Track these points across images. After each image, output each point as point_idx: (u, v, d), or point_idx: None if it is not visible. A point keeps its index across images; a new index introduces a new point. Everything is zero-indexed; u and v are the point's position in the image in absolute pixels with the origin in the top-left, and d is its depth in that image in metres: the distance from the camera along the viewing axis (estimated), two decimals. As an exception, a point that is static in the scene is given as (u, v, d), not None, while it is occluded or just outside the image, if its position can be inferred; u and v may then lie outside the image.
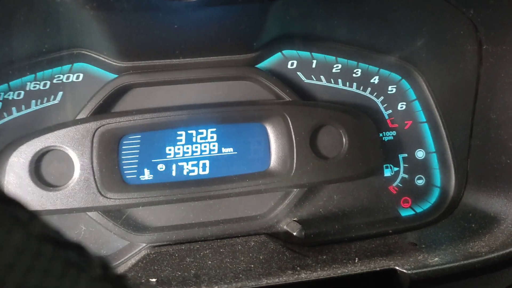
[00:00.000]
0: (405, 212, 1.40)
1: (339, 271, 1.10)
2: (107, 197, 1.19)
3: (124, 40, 1.14)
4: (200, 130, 1.28)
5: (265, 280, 1.07)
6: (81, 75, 1.26)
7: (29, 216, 0.42)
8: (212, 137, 1.28)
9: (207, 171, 1.28)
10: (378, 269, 1.09)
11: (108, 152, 1.21)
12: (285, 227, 1.29)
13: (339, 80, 1.37)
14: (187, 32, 1.13)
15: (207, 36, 1.17)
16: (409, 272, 1.07)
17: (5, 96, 1.23)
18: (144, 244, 1.24)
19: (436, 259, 1.10)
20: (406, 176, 1.41)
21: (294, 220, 1.29)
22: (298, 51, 1.35)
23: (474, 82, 1.25)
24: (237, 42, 1.22)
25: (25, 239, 0.40)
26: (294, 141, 1.27)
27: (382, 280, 1.13)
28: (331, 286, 1.14)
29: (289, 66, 1.35)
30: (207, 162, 1.28)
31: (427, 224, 1.36)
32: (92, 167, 1.19)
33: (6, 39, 1.15)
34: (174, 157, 1.27)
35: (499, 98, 1.19)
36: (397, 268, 1.09)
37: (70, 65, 1.25)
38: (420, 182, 1.41)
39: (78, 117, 1.22)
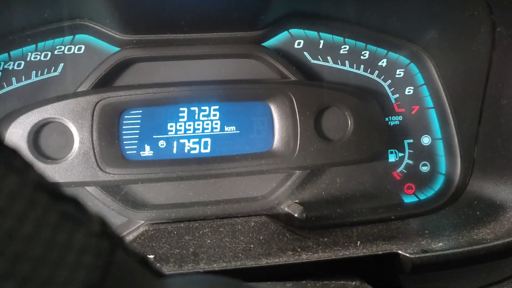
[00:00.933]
0: (409, 199, 1.38)
1: (340, 254, 1.08)
2: (106, 172, 1.17)
3: (127, 11, 1.11)
4: (202, 107, 1.25)
5: (265, 260, 1.05)
6: (83, 47, 1.23)
7: (25, 164, 0.40)
8: (214, 115, 1.26)
9: (208, 149, 1.26)
10: (380, 252, 1.07)
11: (108, 126, 1.18)
12: (286, 209, 1.26)
13: (346, 62, 1.34)
14: (192, 4, 1.10)
15: (213, 10, 1.14)
16: (412, 256, 1.05)
17: (5, 66, 1.20)
18: (142, 221, 1.22)
19: (440, 244, 1.08)
20: (410, 162, 1.38)
21: (296, 202, 1.27)
22: (306, 31, 1.32)
23: (486, 67, 1.22)
24: (244, 18, 1.19)
25: (19, 186, 0.38)
26: (298, 121, 1.24)
27: (384, 264, 1.11)
28: (332, 268, 1.12)
29: (295, 46, 1.32)
30: (209, 140, 1.26)
31: (431, 211, 1.34)
32: (92, 140, 1.16)
33: (6, 6, 1.12)
34: (176, 134, 1.24)
35: (511, 83, 1.16)
36: (399, 252, 1.07)
37: (72, 36, 1.22)
38: (424, 168, 1.39)
39: (78, 90, 1.20)
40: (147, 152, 1.23)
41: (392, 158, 1.37)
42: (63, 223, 0.40)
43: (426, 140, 1.39)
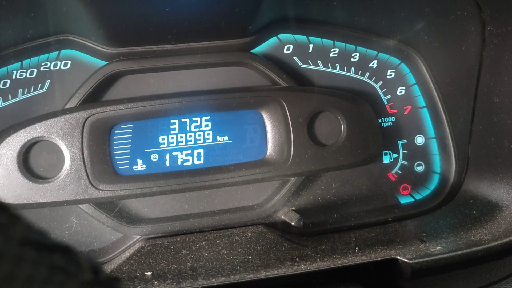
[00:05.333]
0: (405, 200, 1.37)
1: (339, 262, 1.07)
2: (99, 189, 1.15)
3: (112, 25, 1.09)
4: (194, 118, 1.24)
5: (264, 272, 1.04)
6: (69, 62, 1.21)
7: (10, 219, 0.38)
8: (206, 125, 1.24)
9: (201, 161, 1.24)
10: (379, 258, 1.07)
11: (99, 142, 1.17)
12: (283, 216, 1.26)
13: (337, 65, 1.33)
14: (179, 16, 1.09)
15: (200, 20, 1.12)
16: (410, 261, 1.05)
17: (-9, 85, 1.18)
18: (138, 236, 1.21)
19: (438, 247, 1.08)
20: (405, 162, 1.38)
21: (292, 210, 1.26)
22: (294, 35, 1.30)
23: (477, 65, 1.21)
24: (232, 26, 1.18)
25: (5, 244, 0.36)
26: (291, 128, 1.23)
27: (383, 269, 1.10)
28: (331, 275, 1.11)
29: (285, 51, 1.30)
30: (201, 151, 1.24)
31: (427, 211, 1.34)
32: (83, 158, 1.15)
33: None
34: (168, 146, 1.23)
35: (503, 81, 1.16)
36: (398, 257, 1.07)
37: (57, 52, 1.20)
38: (419, 168, 1.38)
39: (66, 106, 1.18)
40: (140, 166, 1.22)
41: (386, 160, 1.37)
42: (53, 277, 0.39)
43: (419, 139, 1.38)
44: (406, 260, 1.05)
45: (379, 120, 1.35)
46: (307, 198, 1.30)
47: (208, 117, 1.24)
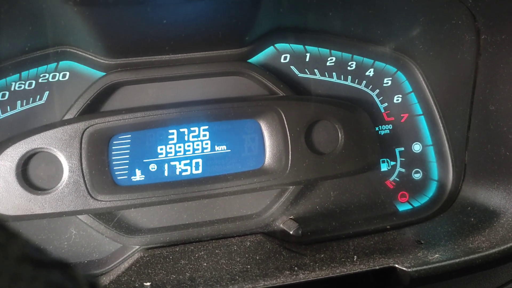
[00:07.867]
0: (403, 207, 1.38)
1: (337, 271, 1.07)
2: (97, 200, 1.16)
3: (110, 37, 1.10)
4: (192, 128, 1.24)
5: (262, 282, 1.04)
6: (68, 74, 1.22)
7: (7, 236, 0.39)
8: (204, 135, 1.25)
9: (200, 170, 1.25)
10: (377, 267, 1.07)
11: (97, 153, 1.17)
12: (281, 225, 1.26)
13: (334, 74, 1.34)
14: (176, 27, 1.10)
15: (197, 31, 1.13)
16: (409, 269, 1.05)
17: (-11, 97, 1.19)
18: (137, 247, 1.21)
19: (437, 255, 1.08)
20: (403, 170, 1.38)
21: (291, 218, 1.27)
22: (291, 45, 1.31)
23: (472, 73, 1.22)
24: (229, 37, 1.19)
25: (2, 262, 0.37)
26: (289, 137, 1.24)
27: (381, 278, 1.11)
28: (329, 284, 1.11)
29: (282, 60, 1.31)
30: (200, 161, 1.25)
31: (425, 218, 1.34)
32: (82, 169, 1.15)
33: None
34: (166, 156, 1.23)
35: (498, 89, 1.16)
36: (396, 266, 1.07)
37: (56, 63, 1.21)
38: (417, 176, 1.39)
39: (65, 118, 1.18)
40: (138, 176, 1.22)
41: (384, 167, 1.37)
42: (50, 293, 0.39)
43: (417, 147, 1.39)
44: (404, 269, 1.05)
45: (377, 128, 1.36)
46: (305, 207, 1.31)
47: (206, 127, 1.25)
